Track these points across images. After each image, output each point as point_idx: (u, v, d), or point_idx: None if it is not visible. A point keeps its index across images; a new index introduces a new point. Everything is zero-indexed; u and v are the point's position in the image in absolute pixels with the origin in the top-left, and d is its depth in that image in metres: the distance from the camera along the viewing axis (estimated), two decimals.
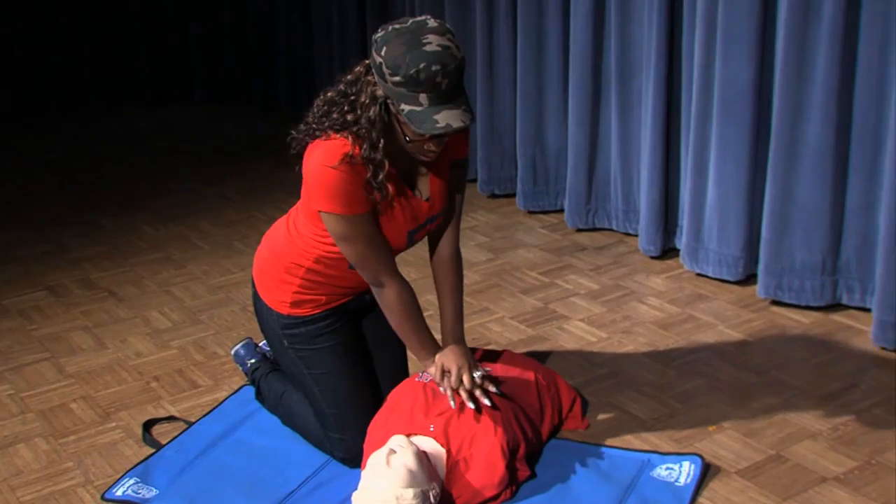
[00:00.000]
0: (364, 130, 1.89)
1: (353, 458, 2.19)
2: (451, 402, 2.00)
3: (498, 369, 2.26)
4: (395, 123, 1.90)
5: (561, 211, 3.72)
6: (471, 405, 2.00)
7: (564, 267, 3.32)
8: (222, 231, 3.70)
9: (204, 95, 5.60)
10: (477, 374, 2.07)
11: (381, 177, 1.90)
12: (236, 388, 2.62)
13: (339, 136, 1.91)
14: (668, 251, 3.36)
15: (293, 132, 2.00)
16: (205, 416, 2.47)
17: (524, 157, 3.66)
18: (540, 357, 2.70)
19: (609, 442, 2.34)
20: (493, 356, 2.35)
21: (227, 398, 2.55)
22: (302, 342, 2.19)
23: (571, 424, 2.37)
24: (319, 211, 1.93)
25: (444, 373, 2.06)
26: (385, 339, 2.20)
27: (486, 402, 2.01)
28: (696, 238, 3.16)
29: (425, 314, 2.47)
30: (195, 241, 3.63)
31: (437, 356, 2.09)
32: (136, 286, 3.28)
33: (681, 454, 2.25)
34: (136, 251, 3.55)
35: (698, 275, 3.20)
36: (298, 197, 2.10)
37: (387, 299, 2.03)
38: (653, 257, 3.34)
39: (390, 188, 1.94)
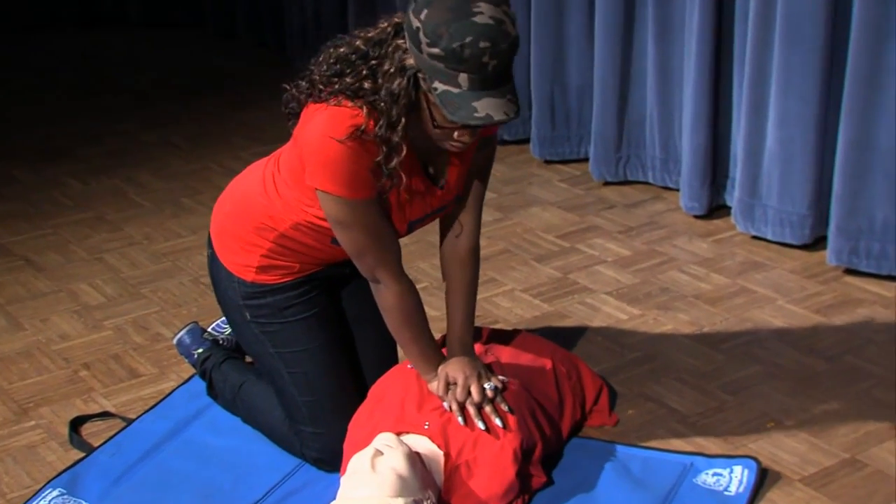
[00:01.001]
0: (383, 104, 1.87)
1: (330, 460, 2.18)
2: (459, 419, 2.01)
3: (507, 354, 2.27)
4: (423, 103, 1.88)
5: (585, 160, 3.71)
6: (480, 425, 2.01)
7: (588, 229, 3.31)
8: (167, 185, 3.67)
9: (141, 16, 5.43)
10: (488, 386, 2.07)
11: (394, 162, 1.90)
12: (186, 376, 2.61)
13: (351, 103, 1.89)
14: (715, 209, 3.35)
15: (289, 87, 1.99)
16: (147, 411, 2.46)
17: (540, 94, 3.63)
18: (558, 338, 2.67)
19: (643, 442, 2.32)
20: (501, 337, 2.36)
21: (174, 389, 2.55)
22: (268, 315, 2.19)
23: (597, 420, 2.36)
24: (316, 189, 1.93)
25: (449, 385, 2.07)
26: (371, 315, 2.17)
27: (498, 422, 2.01)
28: (752, 193, 3.14)
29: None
30: (133, 197, 3.61)
31: (441, 367, 2.11)
32: (59, 253, 3.26)
33: (731, 457, 2.24)
34: (59, 210, 3.53)
35: (754, 238, 3.20)
36: (268, 145, 2.15)
37: (384, 300, 2.05)
38: (697, 216, 3.34)
39: (403, 176, 1.93)
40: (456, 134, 1.89)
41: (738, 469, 2.19)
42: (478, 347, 2.27)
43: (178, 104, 4.40)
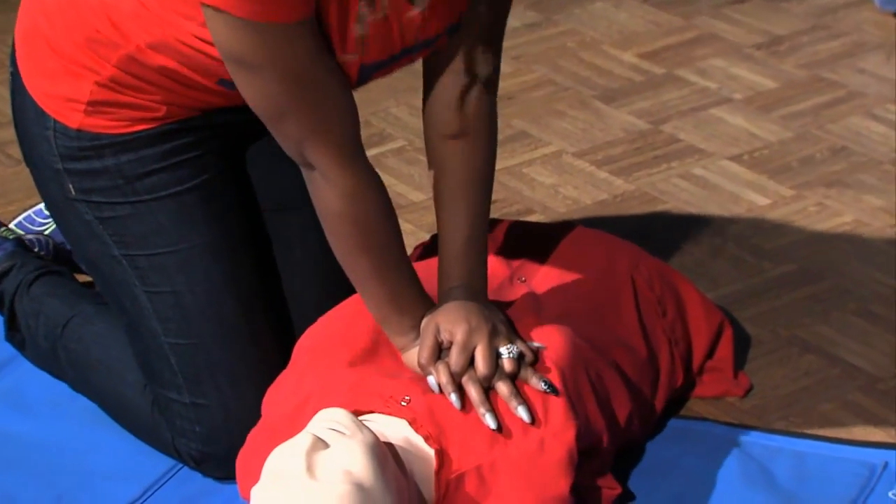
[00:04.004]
0: None
1: (223, 456, 2.10)
2: (454, 401, 2.00)
3: (548, 273, 2.20)
4: None
5: None
6: (489, 420, 1.98)
7: (699, 39, 3.22)
8: None
9: None
10: (506, 351, 2.02)
11: None
12: None
13: None
14: None
15: None
16: None
17: None
18: (642, 240, 2.47)
19: (799, 426, 2.20)
20: (537, 240, 2.27)
21: None
22: (108, 189, 2.12)
23: (714, 387, 2.27)
24: (201, 1, 1.88)
25: (441, 347, 2.05)
26: (308, 204, 2.07)
27: (525, 414, 1.98)
28: None
29: None
30: None
31: (427, 318, 2.07)
32: None
33: None
34: None
35: None
36: None
37: (323, 201, 2.02)
38: None
39: None
40: None
41: None
42: (494, 265, 2.19)
43: None
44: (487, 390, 1.98)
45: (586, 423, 1.99)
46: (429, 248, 2.23)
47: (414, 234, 2.48)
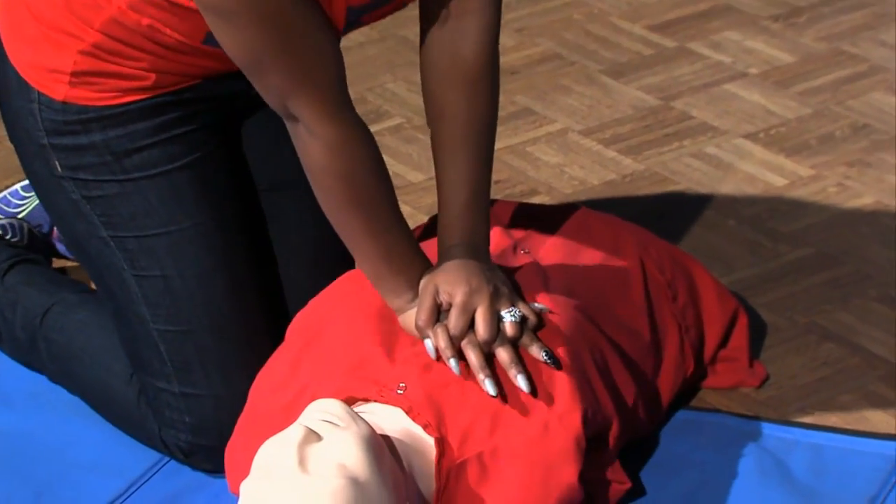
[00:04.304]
0: None
1: (214, 448, 2.09)
2: (453, 366, 1.98)
3: (553, 250, 2.20)
4: None
5: None
6: (489, 387, 1.96)
7: (712, 11, 3.21)
8: None
9: None
10: (508, 315, 2.01)
11: None
12: None
13: None
14: None
15: None
16: None
17: None
18: (651, 223, 2.50)
19: (817, 417, 2.19)
20: (542, 220, 2.26)
21: None
22: (95, 166, 2.11)
23: (728, 377, 2.26)
24: None
25: (440, 310, 2.03)
26: (305, 181, 2.06)
27: (524, 383, 1.96)
28: None
29: None
30: None
31: (426, 278, 2.04)
32: None
33: None
34: None
35: None
36: None
37: (309, 155, 2.01)
38: None
39: None
40: None
41: None
42: (496, 235, 2.16)
43: None
44: (489, 356, 1.95)
45: (595, 405, 1.96)
46: (428, 230, 2.21)
47: (413, 217, 2.46)
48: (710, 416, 2.17)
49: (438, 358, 1.96)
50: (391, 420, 1.88)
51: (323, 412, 1.80)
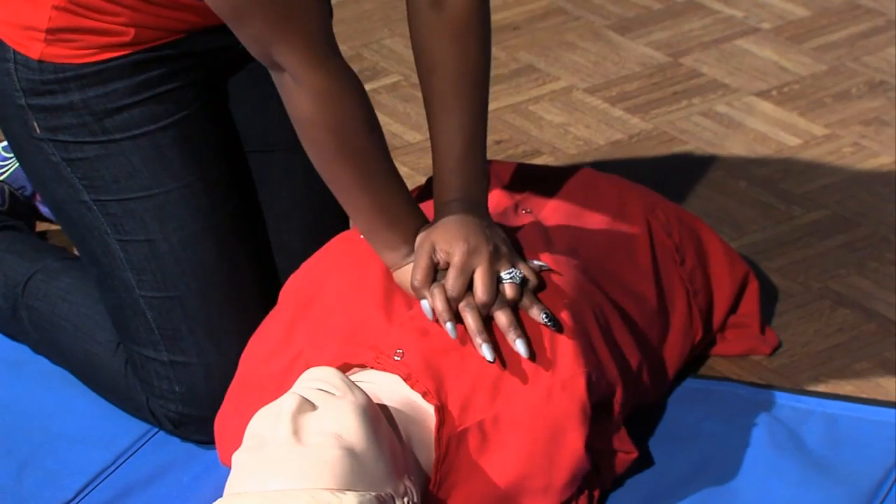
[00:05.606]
0: None
1: (204, 418, 2.08)
2: (450, 330, 1.97)
3: (556, 209, 2.19)
4: None
5: None
6: (486, 351, 1.95)
7: None
8: None
9: None
10: (507, 275, 2.00)
11: None
12: None
13: None
14: None
15: None
16: None
17: None
18: (658, 184, 2.47)
19: (831, 386, 2.18)
20: (544, 181, 2.25)
21: None
22: (76, 127, 2.10)
23: (738, 344, 2.25)
24: None
25: (436, 268, 2.02)
26: (295, 141, 2.05)
27: (523, 348, 1.94)
28: None
29: None
30: None
31: (422, 235, 2.03)
32: None
33: None
34: None
35: None
36: None
37: (296, 106, 2.00)
38: None
39: None
40: None
41: None
42: (496, 195, 2.16)
43: None
44: (487, 319, 1.93)
45: (598, 371, 1.95)
46: (425, 191, 2.19)
47: (411, 178, 2.45)
48: (720, 384, 2.17)
49: (436, 319, 1.95)
50: (388, 387, 1.87)
51: (318, 381, 1.80)
